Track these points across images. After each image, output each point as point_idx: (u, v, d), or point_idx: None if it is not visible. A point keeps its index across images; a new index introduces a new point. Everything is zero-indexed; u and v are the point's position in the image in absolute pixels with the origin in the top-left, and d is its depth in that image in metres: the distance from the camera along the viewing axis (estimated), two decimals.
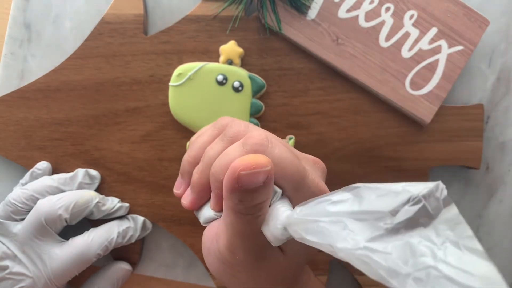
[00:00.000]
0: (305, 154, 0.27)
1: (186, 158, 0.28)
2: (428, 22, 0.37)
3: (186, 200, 0.28)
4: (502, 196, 0.41)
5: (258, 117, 0.39)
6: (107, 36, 0.39)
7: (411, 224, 0.16)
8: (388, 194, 0.17)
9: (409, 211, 0.16)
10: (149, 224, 0.39)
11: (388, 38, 0.38)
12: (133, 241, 0.38)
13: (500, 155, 0.41)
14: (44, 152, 0.39)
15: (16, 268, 0.34)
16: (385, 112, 0.39)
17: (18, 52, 0.40)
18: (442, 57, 0.37)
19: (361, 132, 0.39)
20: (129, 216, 0.38)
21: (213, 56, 0.38)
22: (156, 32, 0.39)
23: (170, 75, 0.38)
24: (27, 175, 0.38)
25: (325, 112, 0.39)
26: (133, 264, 0.40)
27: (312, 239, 0.19)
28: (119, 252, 0.39)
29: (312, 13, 0.37)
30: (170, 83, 0.37)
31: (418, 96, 0.38)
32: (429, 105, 0.38)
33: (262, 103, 0.38)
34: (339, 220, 0.18)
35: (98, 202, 0.36)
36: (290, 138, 0.38)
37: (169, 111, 0.38)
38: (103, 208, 0.37)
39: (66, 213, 0.35)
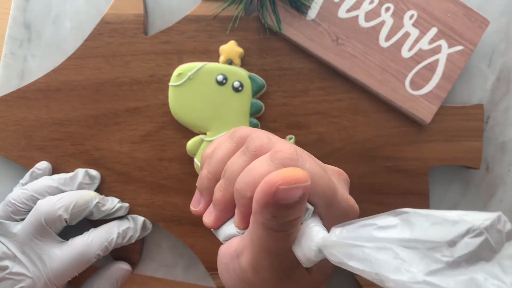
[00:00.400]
0: (328, 166, 0.26)
1: (205, 174, 0.27)
2: (428, 22, 0.37)
3: (209, 218, 0.26)
4: (502, 196, 0.41)
5: (258, 117, 0.39)
6: (107, 36, 0.39)
7: (473, 257, 0.15)
8: (443, 222, 0.16)
9: (470, 244, 0.15)
10: (149, 224, 0.39)
11: (388, 38, 0.38)
12: (133, 241, 0.38)
13: (500, 155, 0.41)
14: (44, 152, 0.39)
15: (16, 268, 0.34)
16: (385, 112, 0.39)
17: (18, 52, 0.40)
18: (442, 57, 0.37)
19: (361, 132, 0.39)
20: (129, 216, 0.38)
21: (213, 56, 0.39)
22: (156, 32, 0.39)
23: (170, 75, 0.38)
24: (27, 175, 0.38)
25: (325, 112, 0.39)
26: (133, 264, 0.40)
27: (356, 265, 0.18)
28: (119, 252, 0.39)
29: (312, 13, 0.37)
30: (170, 83, 0.37)
31: (418, 96, 0.38)
32: (429, 105, 0.38)
33: (262, 103, 0.38)
34: (387, 247, 0.17)
35: (98, 202, 0.36)
36: (290, 138, 0.38)
37: (169, 111, 0.38)
38: (103, 208, 0.37)
39: (66, 213, 0.34)
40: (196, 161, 0.37)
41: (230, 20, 0.38)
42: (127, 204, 0.39)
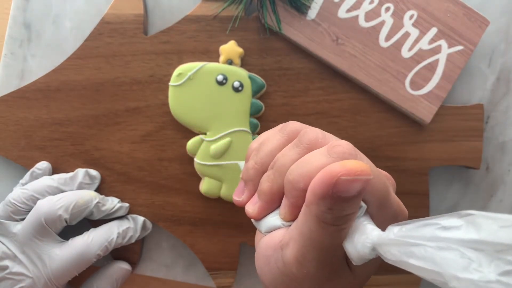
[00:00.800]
0: (378, 168, 0.26)
1: (252, 164, 0.26)
2: (428, 22, 0.37)
3: (253, 208, 0.26)
4: (502, 196, 0.41)
5: (258, 117, 0.39)
6: (107, 36, 0.39)
7: None
8: None
9: None
10: (149, 224, 0.39)
11: (388, 38, 0.38)
12: (133, 241, 0.38)
13: (500, 155, 0.41)
14: (44, 152, 0.39)
15: (16, 268, 0.34)
16: (385, 112, 0.39)
17: (18, 52, 0.40)
18: (442, 57, 0.37)
19: (361, 132, 0.39)
20: (129, 216, 0.38)
21: (213, 56, 0.39)
22: (156, 32, 0.39)
23: (170, 75, 0.38)
24: (27, 175, 0.38)
25: (325, 112, 0.39)
26: (133, 264, 0.40)
27: (417, 263, 0.17)
28: (119, 252, 0.39)
29: (312, 13, 0.37)
30: (170, 83, 0.37)
31: (418, 96, 0.38)
32: (429, 105, 0.38)
33: (262, 103, 0.38)
34: (451, 248, 0.16)
35: (98, 202, 0.36)
36: None
37: (169, 111, 0.38)
38: (103, 208, 0.37)
39: (66, 213, 0.34)
40: (196, 160, 0.37)
41: (230, 20, 0.38)
42: (127, 204, 0.39)
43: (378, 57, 0.38)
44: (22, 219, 0.36)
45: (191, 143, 0.38)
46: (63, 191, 0.37)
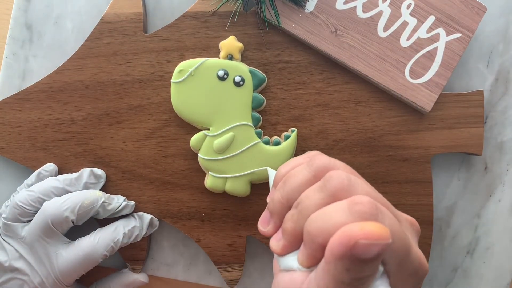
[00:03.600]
0: (401, 214, 0.25)
1: (279, 198, 0.27)
2: (425, 11, 0.38)
3: (277, 245, 0.26)
4: (501, 196, 0.41)
5: (260, 110, 0.39)
6: (107, 35, 0.39)
7: None
8: None
9: None
10: (156, 222, 0.39)
11: (386, 28, 0.38)
12: (139, 239, 0.38)
13: (498, 155, 0.41)
14: (49, 153, 0.39)
15: (24, 269, 0.35)
16: (386, 102, 0.39)
17: (19, 53, 0.41)
18: (440, 45, 0.38)
19: (362, 122, 0.39)
20: (135, 214, 0.39)
21: (213, 51, 0.39)
22: (156, 30, 0.39)
23: (171, 72, 0.38)
24: (32, 176, 0.38)
25: (326, 104, 0.39)
26: (140, 260, 0.40)
27: None
28: (126, 249, 0.39)
29: (310, 6, 0.38)
30: (172, 80, 0.38)
31: (418, 84, 0.38)
32: (429, 93, 0.38)
33: (263, 97, 0.38)
34: None
35: (103, 202, 0.36)
36: (293, 131, 0.39)
37: (171, 108, 0.38)
38: (109, 207, 0.37)
39: (72, 214, 0.35)
40: (200, 156, 0.38)
41: (229, 15, 0.39)
42: (132, 202, 0.39)
43: (377, 47, 0.38)
44: (29, 221, 0.36)
45: (194, 138, 0.38)
46: (69, 191, 0.37)
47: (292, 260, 0.25)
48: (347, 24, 0.38)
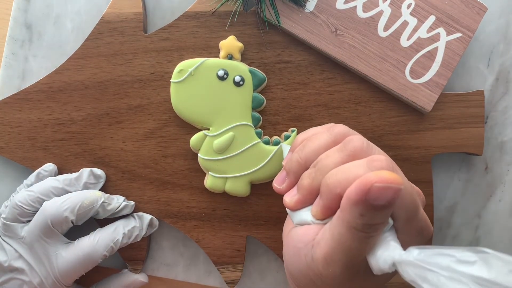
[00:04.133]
0: (411, 184, 0.27)
1: (297, 158, 0.28)
2: (425, 11, 0.37)
3: (291, 200, 0.28)
4: (501, 196, 0.41)
5: (260, 110, 0.39)
6: (107, 35, 0.39)
7: None
8: None
9: None
10: (155, 222, 0.39)
11: (386, 27, 0.38)
12: (139, 239, 0.38)
13: (499, 155, 0.41)
14: (49, 153, 0.39)
15: (24, 269, 0.35)
16: (386, 102, 0.39)
17: (19, 53, 0.41)
18: (441, 45, 0.38)
19: (362, 122, 0.39)
20: (135, 214, 0.39)
21: (213, 51, 0.39)
22: (156, 29, 0.39)
23: (171, 72, 0.38)
24: (32, 176, 0.38)
25: (326, 104, 0.39)
26: (140, 261, 0.40)
27: None
28: (126, 249, 0.39)
29: (310, 6, 0.38)
30: (172, 80, 0.38)
31: (418, 84, 0.38)
32: (430, 93, 0.38)
33: (263, 97, 0.38)
34: (462, 281, 0.18)
35: (103, 202, 0.36)
36: (293, 131, 0.38)
37: (171, 108, 0.38)
38: (109, 208, 0.37)
39: (72, 215, 0.35)
40: (200, 156, 0.38)
41: (228, 15, 0.39)
42: (132, 203, 0.39)
43: (377, 47, 0.38)
44: (29, 221, 0.36)
45: (194, 138, 0.38)
46: (68, 191, 0.37)
47: (306, 214, 0.27)
48: (347, 24, 0.38)
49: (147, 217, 0.39)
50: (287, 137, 0.38)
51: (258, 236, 0.39)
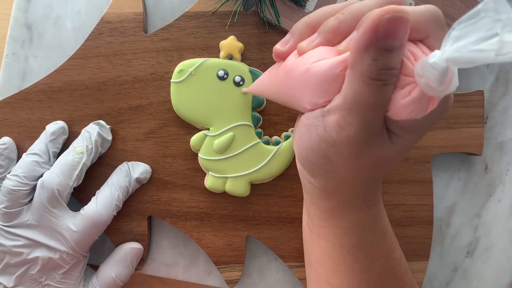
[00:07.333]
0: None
1: (306, 20, 0.27)
2: None
3: (308, 44, 0.26)
4: (501, 196, 0.41)
5: (260, 110, 0.39)
6: (107, 35, 0.39)
7: None
8: None
9: None
10: (148, 169, 0.39)
11: None
12: (138, 186, 0.39)
13: (498, 155, 0.41)
14: None
15: (42, 253, 0.35)
16: None
17: (19, 53, 0.41)
18: None
19: None
20: (128, 163, 0.39)
21: (213, 51, 0.39)
22: (156, 29, 0.39)
23: (171, 72, 0.38)
24: None
25: None
26: (140, 260, 0.40)
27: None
28: None
29: (310, 6, 0.38)
30: (172, 80, 0.38)
31: None
32: None
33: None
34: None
35: (86, 152, 0.36)
36: (293, 131, 0.39)
37: (171, 108, 0.38)
38: (109, 138, 0.38)
39: (70, 180, 0.35)
40: (200, 156, 0.38)
41: (229, 15, 0.39)
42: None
43: None
44: (30, 200, 0.36)
45: (194, 138, 0.38)
46: (48, 155, 0.37)
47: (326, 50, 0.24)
48: None
49: (140, 167, 0.39)
50: (287, 137, 0.38)
51: (258, 236, 0.39)
